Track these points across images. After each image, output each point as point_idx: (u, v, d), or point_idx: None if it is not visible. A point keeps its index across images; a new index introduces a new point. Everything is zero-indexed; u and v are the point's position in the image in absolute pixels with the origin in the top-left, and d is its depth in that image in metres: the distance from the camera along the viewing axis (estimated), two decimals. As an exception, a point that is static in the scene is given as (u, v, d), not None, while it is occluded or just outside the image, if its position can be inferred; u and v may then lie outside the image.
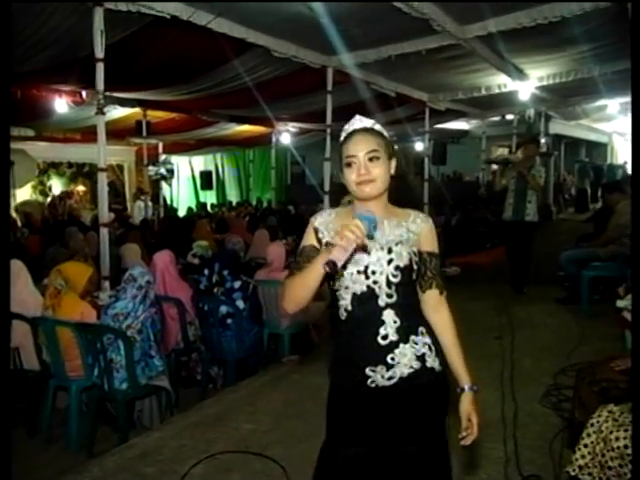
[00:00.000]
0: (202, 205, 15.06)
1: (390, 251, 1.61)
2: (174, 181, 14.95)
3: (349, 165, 1.62)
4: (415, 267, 1.64)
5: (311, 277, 1.54)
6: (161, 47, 5.40)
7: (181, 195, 16.64)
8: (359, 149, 1.61)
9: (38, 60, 5.54)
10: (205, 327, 4.20)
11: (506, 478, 2.67)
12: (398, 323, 1.60)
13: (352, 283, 1.62)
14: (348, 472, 1.63)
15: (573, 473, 2.23)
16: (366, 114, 1.71)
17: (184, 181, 16.72)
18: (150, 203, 12.00)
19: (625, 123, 15.77)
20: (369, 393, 1.61)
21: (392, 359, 1.59)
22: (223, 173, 17.33)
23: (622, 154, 19.39)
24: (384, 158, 1.62)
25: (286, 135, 12.63)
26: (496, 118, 12.90)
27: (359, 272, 1.61)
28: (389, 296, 1.60)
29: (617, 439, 2.05)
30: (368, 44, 5.90)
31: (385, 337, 1.59)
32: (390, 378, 1.59)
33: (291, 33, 5.37)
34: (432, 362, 1.63)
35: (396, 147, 12.26)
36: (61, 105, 7.71)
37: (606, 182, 11.39)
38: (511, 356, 4.30)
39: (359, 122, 1.67)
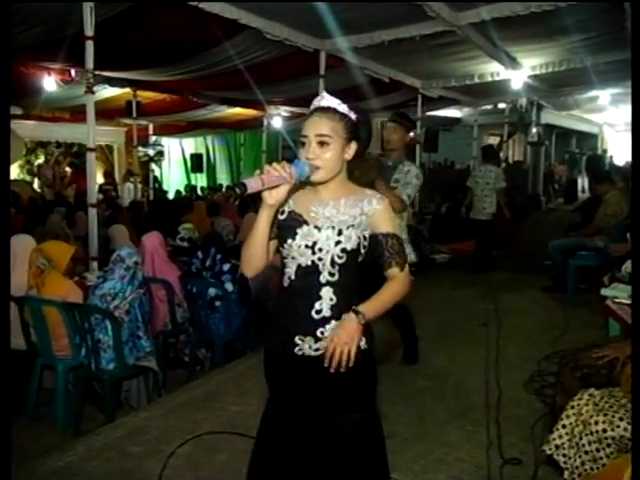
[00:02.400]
0: (192, 188, 14.96)
1: (340, 233, 1.63)
2: (164, 163, 14.86)
3: (302, 144, 1.64)
4: (363, 250, 1.66)
5: (256, 232, 1.64)
6: (152, 26, 5.33)
7: (172, 177, 16.53)
8: (311, 130, 1.62)
9: (27, 36, 5.44)
10: (193, 309, 4.20)
11: (488, 461, 2.71)
12: (334, 301, 1.64)
13: (299, 255, 1.66)
14: (285, 429, 1.71)
15: (549, 452, 2.27)
16: (359, 99, 1.72)
17: (175, 163, 16.60)
18: (140, 185, 11.91)
19: (615, 114, 15.88)
20: (295, 359, 1.67)
21: (322, 333, 1.64)
22: (214, 156, 17.21)
23: (612, 145, 19.53)
24: (337, 143, 1.61)
25: (277, 119, 12.54)
26: (488, 107, 12.90)
27: (307, 246, 1.65)
28: (331, 274, 1.64)
29: (596, 423, 2.09)
30: (361, 28, 5.85)
31: (319, 312, 1.64)
32: (317, 350, 1.64)
33: (284, 15, 5.31)
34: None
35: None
36: (50, 83, 7.58)
37: (595, 172, 11.45)
38: (496, 343, 4.35)
39: (322, 100, 1.66)
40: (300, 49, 6.06)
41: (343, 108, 1.65)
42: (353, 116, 1.65)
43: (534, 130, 13.41)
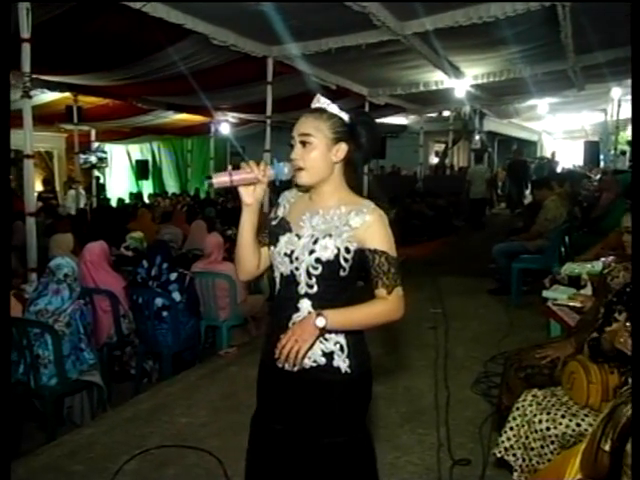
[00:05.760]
0: (136, 195, 14.61)
1: (316, 242, 1.55)
2: (107, 170, 14.44)
3: (292, 146, 1.60)
4: (344, 264, 1.54)
5: (239, 233, 1.63)
6: (93, 29, 5.18)
7: (116, 184, 16.05)
8: (296, 130, 1.58)
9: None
10: (140, 320, 4.09)
11: (438, 463, 2.75)
12: None
13: (279, 264, 1.61)
14: (270, 443, 1.65)
15: (499, 455, 2.33)
16: (306, 106, 1.68)
17: (120, 170, 16.14)
18: (83, 192, 11.52)
19: (553, 122, 16.58)
20: (277, 373, 1.61)
21: None
22: (160, 163, 16.86)
23: (550, 152, 20.39)
24: (320, 142, 1.55)
25: (225, 125, 12.43)
26: (433, 114, 13.25)
27: (286, 254, 1.59)
28: (309, 286, 1.56)
29: (540, 422, 2.15)
30: (309, 36, 5.89)
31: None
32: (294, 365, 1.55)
33: (231, 21, 5.28)
34: (340, 362, 1.56)
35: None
36: (-16, 87, 7.25)
37: (535, 179, 11.91)
38: (445, 345, 4.43)
39: (314, 102, 1.63)
40: (247, 55, 6.03)
41: (332, 108, 1.59)
42: (345, 116, 1.60)
43: (477, 137, 13.86)
